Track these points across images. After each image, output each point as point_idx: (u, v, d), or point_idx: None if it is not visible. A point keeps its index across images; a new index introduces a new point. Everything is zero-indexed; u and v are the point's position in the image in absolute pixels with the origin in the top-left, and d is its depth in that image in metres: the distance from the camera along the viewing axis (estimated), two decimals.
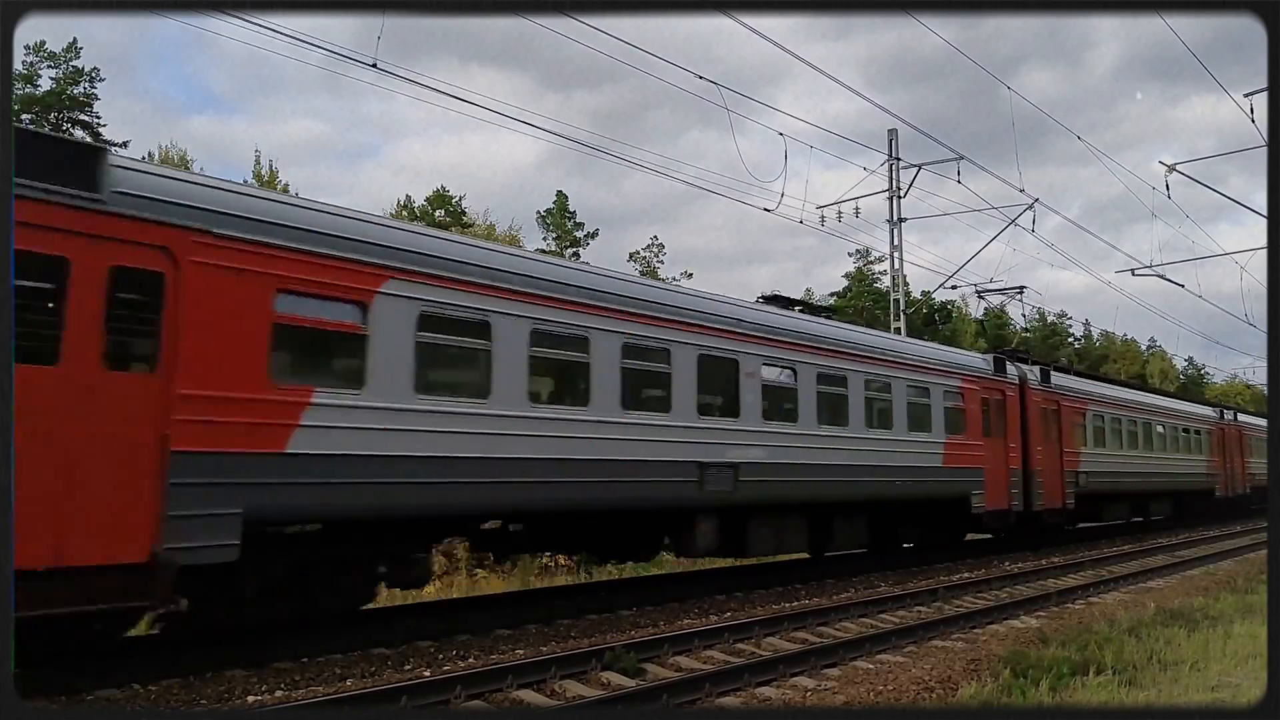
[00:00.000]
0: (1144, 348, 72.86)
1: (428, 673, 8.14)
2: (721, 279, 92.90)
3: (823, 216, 26.40)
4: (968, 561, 18.38)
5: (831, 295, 51.97)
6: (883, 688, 7.79)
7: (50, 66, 30.49)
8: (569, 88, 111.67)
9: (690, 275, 44.87)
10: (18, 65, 28.22)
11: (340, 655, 8.85)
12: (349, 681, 8.00)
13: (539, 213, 42.50)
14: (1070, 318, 73.57)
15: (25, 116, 27.51)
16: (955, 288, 31.01)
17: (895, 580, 15.36)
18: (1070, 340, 71.84)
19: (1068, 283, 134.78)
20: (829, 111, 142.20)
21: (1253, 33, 6.02)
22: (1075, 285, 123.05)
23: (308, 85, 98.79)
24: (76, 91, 30.74)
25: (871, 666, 8.78)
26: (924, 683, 7.90)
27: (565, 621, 11.06)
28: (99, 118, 31.15)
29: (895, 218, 27.09)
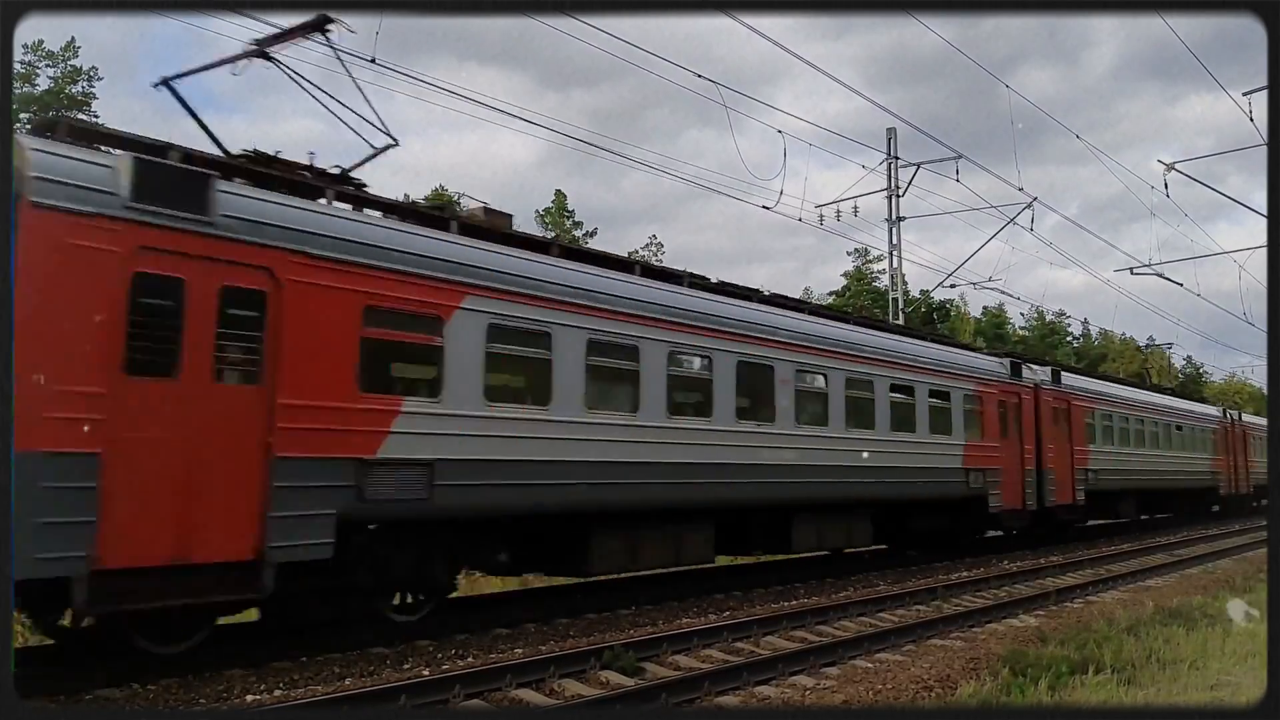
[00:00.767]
0: (1143, 345, 72.85)
1: (426, 672, 8.13)
2: (720, 278, 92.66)
3: (821, 215, 26.45)
4: (966, 561, 18.38)
5: (830, 294, 52.01)
6: (882, 686, 7.78)
7: (49, 65, 30.51)
8: (568, 86, 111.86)
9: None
10: (17, 65, 28.20)
11: (339, 654, 8.83)
12: (347, 681, 7.98)
13: (538, 211, 42.58)
14: (1069, 316, 73.70)
15: (24, 116, 27.47)
16: (954, 286, 30.84)
17: (894, 579, 15.36)
18: (1069, 339, 71.87)
19: (1066, 281, 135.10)
20: (828, 110, 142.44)
21: (1252, 32, 6.05)
22: (1074, 284, 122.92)
23: (307, 85, 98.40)
24: (74, 90, 30.73)
25: (870, 665, 8.78)
26: (923, 681, 7.89)
27: (564, 621, 11.05)
28: (97, 117, 31.20)
29: (894, 216, 27.11)
